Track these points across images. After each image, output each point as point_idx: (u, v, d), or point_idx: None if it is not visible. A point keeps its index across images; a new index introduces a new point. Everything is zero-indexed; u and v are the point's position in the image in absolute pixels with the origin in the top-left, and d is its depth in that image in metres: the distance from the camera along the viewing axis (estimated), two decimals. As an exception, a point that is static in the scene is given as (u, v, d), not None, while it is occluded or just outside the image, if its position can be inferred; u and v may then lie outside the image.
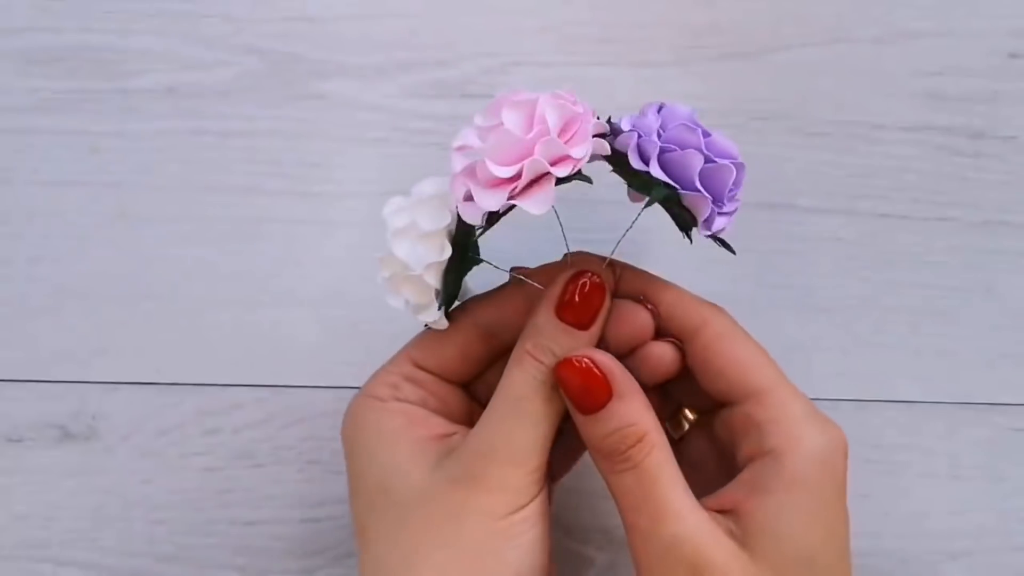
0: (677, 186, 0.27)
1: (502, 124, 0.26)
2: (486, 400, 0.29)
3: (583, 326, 0.28)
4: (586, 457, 0.39)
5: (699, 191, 0.26)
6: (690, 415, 0.32)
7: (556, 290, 0.28)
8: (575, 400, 0.28)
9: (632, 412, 0.27)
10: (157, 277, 0.39)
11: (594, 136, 0.27)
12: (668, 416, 0.32)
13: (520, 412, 0.28)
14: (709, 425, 0.31)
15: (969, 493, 0.39)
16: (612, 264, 0.30)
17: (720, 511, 0.27)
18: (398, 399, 0.30)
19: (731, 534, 0.26)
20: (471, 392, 0.32)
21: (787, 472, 0.26)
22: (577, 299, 0.28)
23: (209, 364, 0.39)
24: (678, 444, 0.32)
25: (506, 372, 0.28)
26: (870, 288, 0.40)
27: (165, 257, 0.39)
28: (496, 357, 0.31)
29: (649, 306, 0.30)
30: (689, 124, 0.27)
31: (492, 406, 0.28)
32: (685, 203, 0.27)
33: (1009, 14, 0.39)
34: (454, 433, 0.30)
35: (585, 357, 0.27)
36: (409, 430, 0.29)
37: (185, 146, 0.39)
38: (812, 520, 0.26)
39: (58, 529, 0.39)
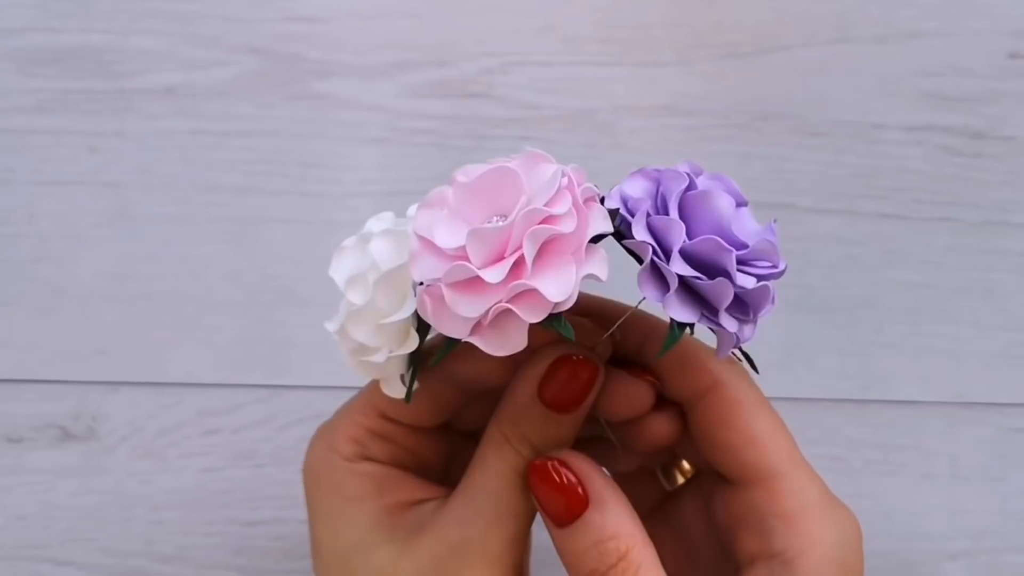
0: (700, 322, 0.22)
1: (462, 250, 0.21)
2: (468, 429, 0.27)
3: (567, 411, 0.25)
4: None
5: (722, 327, 0.22)
6: (687, 467, 0.29)
7: (539, 368, 0.25)
8: (547, 510, 0.24)
9: (612, 523, 0.24)
10: (157, 277, 0.39)
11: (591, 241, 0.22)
12: (661, 465, 0.30)
13: (496, 507, 0.25)
14: (705, 490, 0.28)
15: (969, 493, 0.39)
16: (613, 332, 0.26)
17: None
18: (365, 458, 0.27)
19: None
20: (450, 424, 0.29)
21: None
22: (562, 383, 0.24)
23: (209, 364, 0.39)
24: (666, 498, 0.29)
25: (481, 453, 0.25)
26: (870, 288, 0.40)
27: (165, 257, 0.39)
28: (476, 397, 0.28)
29: (649, 377, 0.26)
30: (722, 243, 0.21)
31: (466, 494, 0.25)
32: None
33: (1010, 14, 0.39)
34: (427, 500, 0.27)
35: (556, 461, 0.24)
36: (376, 498, 0.26)
37: (185, 146, 0.39)
38: None
39: (58, 529, 0.39)
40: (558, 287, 0.21)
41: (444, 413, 0.27)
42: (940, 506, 0.39)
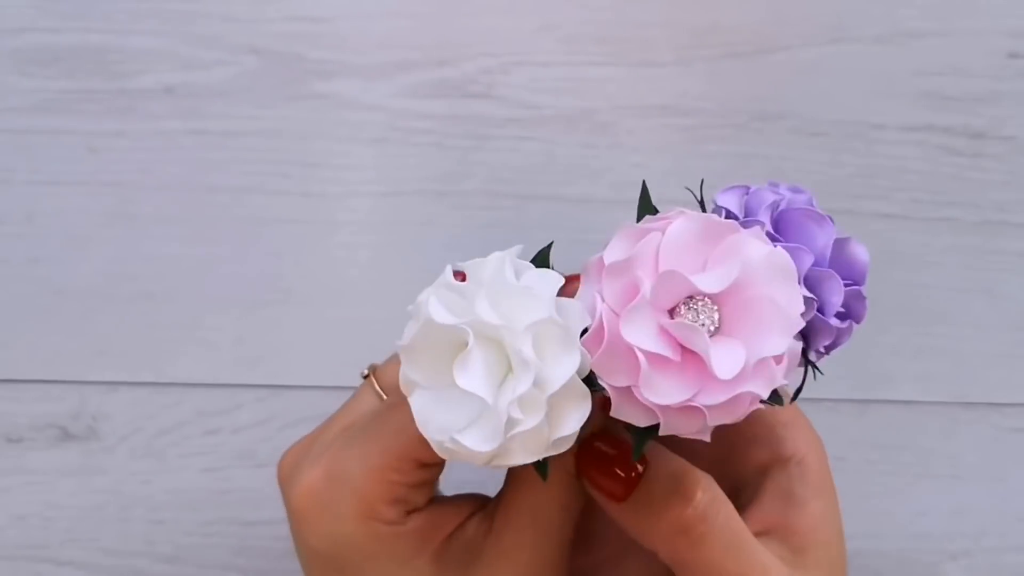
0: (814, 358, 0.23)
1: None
2: None
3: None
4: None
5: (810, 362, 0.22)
6: None
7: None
8: (606, 487, 0.24)
9: (677, 464, 0.24)
10: (157, 277, 0.39)
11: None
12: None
13: (556, 521, 0.25)
14: None
15: (969, 493, 0.39)
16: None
17: (761, 533, 0.26)
18: (409, 512, 0.25)
19: (783, 559, 0.25)
20: None
21: (815, 478, 0.27)
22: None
23: (209, 364, 0.39)
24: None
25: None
26: (870, 288, 0.40)
27: (165, 257, 0.39)
28: None
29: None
30: (864, 295, 0.22)
31: (528, 506, 0.25)
32: None
33: (1009, 14, 0.39)
34: (462, 522, 0.26)
35: (598, 441, 0.24)
36: (427, 546, 0.25)
37: (185, 146, 0.39)
38: (836, 518, 0.27)
39: (58, 529, 0.39)
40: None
41: None
42: (940, 506, 0.39)
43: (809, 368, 0.23)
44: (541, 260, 0.22)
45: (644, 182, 0.23)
